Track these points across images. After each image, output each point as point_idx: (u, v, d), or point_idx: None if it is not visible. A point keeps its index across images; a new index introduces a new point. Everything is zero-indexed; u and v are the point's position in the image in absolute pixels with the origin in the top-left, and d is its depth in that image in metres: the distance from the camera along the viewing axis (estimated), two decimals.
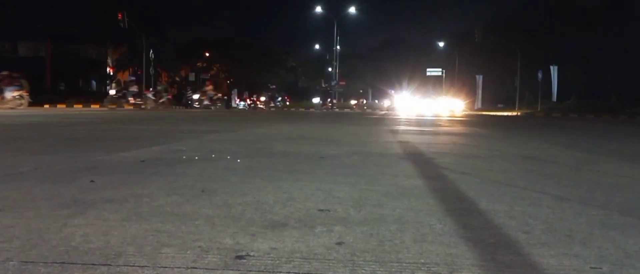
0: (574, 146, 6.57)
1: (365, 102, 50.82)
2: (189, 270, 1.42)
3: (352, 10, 44.18)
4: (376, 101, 42.13)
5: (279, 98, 42.21)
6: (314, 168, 3.63)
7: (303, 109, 32.49)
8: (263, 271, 1.43)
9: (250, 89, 43.58)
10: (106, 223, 1.91)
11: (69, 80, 36.57)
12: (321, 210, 2.22)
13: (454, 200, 2.53)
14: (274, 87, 47.52)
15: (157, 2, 43.45)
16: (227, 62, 52.95)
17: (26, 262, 1.46)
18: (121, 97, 25.52)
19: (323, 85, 48.38)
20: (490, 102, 42.97)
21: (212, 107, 28.98)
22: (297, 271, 1.44)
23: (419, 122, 13.97)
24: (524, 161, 4.44)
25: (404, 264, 1.51)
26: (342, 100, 52.39)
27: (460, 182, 3.10)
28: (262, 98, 39.66)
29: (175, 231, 1.83)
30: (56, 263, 1.45)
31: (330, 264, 1.50)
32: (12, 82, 19.71)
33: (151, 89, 29.08)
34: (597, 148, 6.44)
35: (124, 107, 24.17)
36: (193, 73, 41.34)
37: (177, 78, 43.40)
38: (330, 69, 49.82)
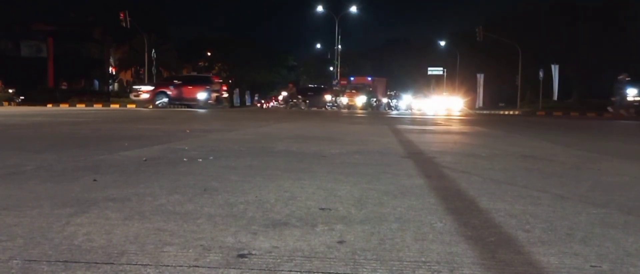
0: (575, 145, 6.57)
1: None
2: (191, 269, 1.43)
3: (353, 9, 44.17)
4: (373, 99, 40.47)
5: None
6: (315, 167, 3.64)
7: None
8: (264, 270, 1.44)
9: (251, 88, 43.25)
10: (109, 222, 1.93)
11: (71, 79, 36.64)
12: (322, 209, 2.23)
13: (455, 198, 2.54)
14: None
15: (158, 2, 43.35)
16: (228, 61, 52.95)
17: (29, 260, 1.47)
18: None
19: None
20: (492, 100, 42.92)
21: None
22: (298, 270, 1.44)
23: (418, 121, 13.97)
24: (524, 160, 4.44)
25: (405, 263, 1.52)
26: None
27: (460, 181, 3.10)
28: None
29: (177, 229, 1.84)
30: (59, 261, 1.47)
31: (332, 262, 1.51)
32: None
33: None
34: (598, 146, 6.44)
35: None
36: (195, 73, 41.35)
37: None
38: (331, 68, 49.79)
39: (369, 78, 45.93)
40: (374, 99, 39.18)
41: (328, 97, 33.91)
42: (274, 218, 2.05)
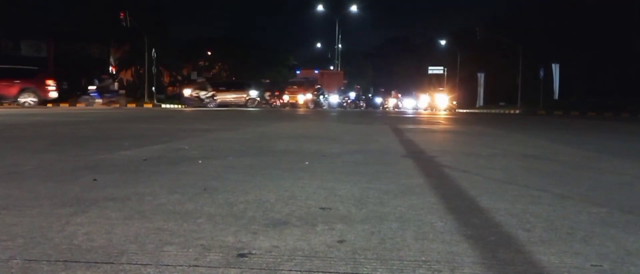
0: (575, 144, 6.56)
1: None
2: (191, 268, 1.43)
3: (353, 8, 44.16)
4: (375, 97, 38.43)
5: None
6: (315, 166, 3.64)
7: None
8: (265, 269, 1.44)
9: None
10: (109, 222, 1.92)
11: (71, 79, 36.60)
12: (323, 208, 2.23)
13: (455, 198, 2.54)
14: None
15: (159, 1, 43.34)
16: (228, 60, 52.96)
17: (29, 260, 1.47)
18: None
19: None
20: (492, 99, 42.90)
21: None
22: (298, 269, 1.44)
23: (417, 120, 13.96)
24: (525, 159, 4.44)
25: (405, 262, 1.52)
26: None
27: (461, 180, 3.10)
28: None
29: (178, 229, 1.83)
30: (59, 261, 1.46)
31: (332, 262, 1.51)
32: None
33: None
34: (598, 146, 6.43)
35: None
36: (195, 72, 41.32)
37: (179, 77, 43.37)
38: (331, 68, 49.76)
39: (316, 71, 39.74)
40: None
41: (187, 92, 27.20)
42: (274, 217, 2.05)
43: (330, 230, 1.86)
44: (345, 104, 33.56)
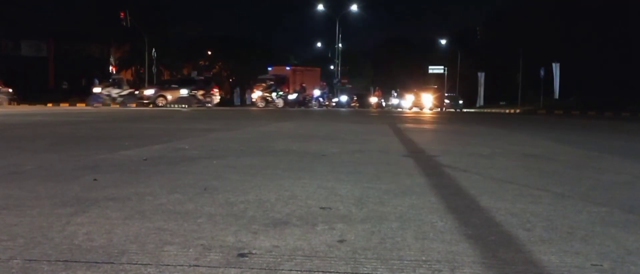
0: (576, 143, 6.56)
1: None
2: (191, 268, 1.43)
3: (353, 8, 44.15)
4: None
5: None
6: (315, 166, 3.64)
7: None
8: (265, 269, 1.43)
9: (251, 88, 42.69)
10: (109, 221, 1.92)
11: (71, 79, 36.62)
12: (323, 208, 2.23)
13: (455, 197, 2.54)
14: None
15: (159, 1, 43.36)
16: (229, 60, 52.99)
17: (30, 260, 1.47)
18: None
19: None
20: (493, 99, 42.92)
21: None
22: (299, 269, 1.44)
23: (418, 120, 13.97)
24: (525, 158, 4.44)
25: (406, 262, 1.52)
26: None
27: (461, 180, 3.10)
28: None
29: (178, 229, 1.83)
30: (59, 261, 1.46)
31: (332, 261, 1.51)
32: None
33: None
34: (599, 145, 6.43)
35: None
36: (195, 72, 41.38)
37: (180, 77, 43.44)
38: (332, 67, 49.77)
39: (288, 68, 38.08)
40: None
41: (97, 89, 24.53)
42: (274, 217, 2.05)
43: (331, 230, 1.86)
44: (310, 103, 31.96)
